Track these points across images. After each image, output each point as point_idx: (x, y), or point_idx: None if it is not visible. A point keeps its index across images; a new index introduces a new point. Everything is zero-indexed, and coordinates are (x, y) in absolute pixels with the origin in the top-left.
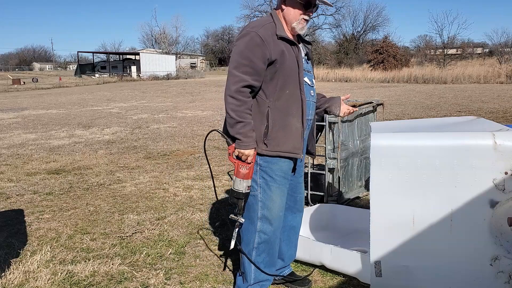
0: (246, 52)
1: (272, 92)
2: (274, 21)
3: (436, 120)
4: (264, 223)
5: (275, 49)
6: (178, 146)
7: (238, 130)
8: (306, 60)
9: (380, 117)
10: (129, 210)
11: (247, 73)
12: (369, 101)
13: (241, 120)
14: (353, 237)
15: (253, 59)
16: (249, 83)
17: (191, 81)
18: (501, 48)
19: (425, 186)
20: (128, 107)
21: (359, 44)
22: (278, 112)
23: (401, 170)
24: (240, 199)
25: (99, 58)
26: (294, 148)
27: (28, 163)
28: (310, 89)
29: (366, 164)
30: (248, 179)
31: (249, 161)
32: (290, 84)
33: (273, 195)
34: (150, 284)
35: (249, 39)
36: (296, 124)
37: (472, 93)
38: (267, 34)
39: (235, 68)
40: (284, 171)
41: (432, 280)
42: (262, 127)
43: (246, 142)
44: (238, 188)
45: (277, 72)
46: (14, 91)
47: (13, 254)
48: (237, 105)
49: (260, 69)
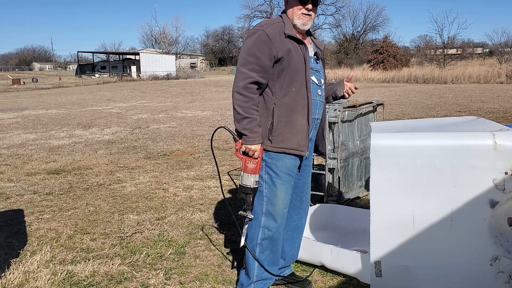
0: (254, 49)
1: (279, 89)
2: (283, 21)
3: (436, 120)
4: (268, 219)
5: (282, 47)
6: (178, 146)
7: (245, 125)
8: (315, 60)
9: (380, 117)
10: (129, 210)
11: (254, 70)
12: (369, 101)
13: (248, 116)
14: (353, 237)
15: (260, 56)
16: (255, 79)
17: (191, 81)
18: (501, 48)
19: (425, 186)
20: (128, 107)
21: (359, 44)
22: (283, 109)
23: (401, 170)
24: (249, 194)
25: (99, 58)
26: (299, 145)
27: (28, 163)
28: (318, 88)
29: (366, 164)
30: (255, 174)
31: (256, 156)
32: (297, 81)
33: (278, 191)
34: (150, 284)
35: (256, 37)
36: (302, 121)
37: (472, 93)
38: (275, 32)
39: (242, 65)
40: (289, 167)
41: (432, 280)
42: (267, 123)
43: (252, 138)
44: (246, 183)
45: (284, 69)
46: (14, 91)
47: (13, 254)
48: (244, 101)
49: (267, 66)
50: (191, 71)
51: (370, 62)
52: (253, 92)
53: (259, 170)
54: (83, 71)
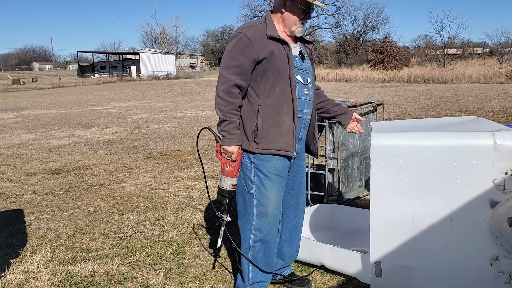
0: (234, 52)
1: (263, 91)
2: (266, 22)
3: (436, 120)
4: (260, 221)
5: (263, 48)
6: (178, 146)
7: (223, 127)
8: (300, 59)
9: (380, 117)
10: (129, 210)
11: (234, 74)
12: (369, 101)
13: (226, 118)
14: (353, 237)
15: (240, 59)
16: (235, 82)
17: (191, 81)
18: (501, 48)
19: (425, 186)
20: (128, 107)
21: (359, 44)
22: (269, 110)
23: (401, 170)
24: (225, 197)
25: (98, 58)
26: (286, 146)
27: (28, 163)
28: (304, 87)
29: (366, 164)
30: (232, 177)
31: (234, 159)
32: (281, 82)
33: (268, 192)
34: (150, 284)
35: (237, 40)
36: (287, 122)
37: (472, 93)
38: (256, 34)
39: (224, 69)
40: (278, 168)
41: (432, 280)
42: (252, 126)
43: (229, 139)
44: (223, 185)
45: (267, 70)
46: (14, 91)
47: (13, 254)
48: (223, 105)
49: (247, 69)
50: (191, 71)
51: (370, 62)
52: (233, 97)
53: (236, 174)
54: (83, 71)
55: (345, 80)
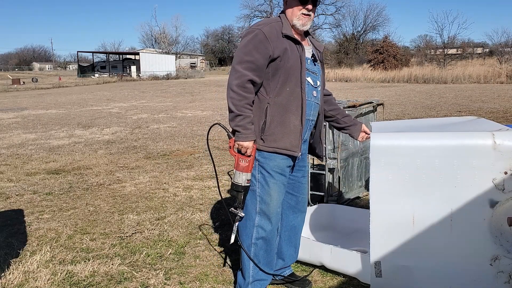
0: (250, 48)
1: (273, 89)
2: (281, 20)
3: (436, 120)
4: (262, 218)
5: (278, 46)
6: (178, 146)
7: (237, 122)
8: (312, 62)
9: (380, 117)
10: (129, 210)
11: (248, 69)
12: (369, 101)
13: (241, 113)
14: (353, 237)
15: (255, 55)
16: (250, 78)
17: (191, 81)
18: (501, 48)
19: (425, 186)
20: (128, 107)
21: (359, 44)
22: (277, 108)
23: (401, 170)
24: (240, 192)
25: (98, 58)
26: (292, 146)
27: (28, 163)
28: (313, 89)
29: (366, 164)
30: (247, 172)
31: (249, 154)
32: (292, 81)
33: (271, 190)
34: (150, 284)
35: (253, 36)
36: (295, 122)
37: (472, 93)
38: (272, 31)
39: (238, 64)
40: (281, 167)
41: (432, 280)
42: (260, 123)
43: (244, 134)
44: (238, 181)
45: (279, 69)
46: (14, 91)
47: (13, 254)
48: (237, 100)
49: (262, 65)
50: (191, 71)
51: (370, 62)
52: (247, 91)
53: (251, 168)
54: (83, 71)
55: (345, 80)
